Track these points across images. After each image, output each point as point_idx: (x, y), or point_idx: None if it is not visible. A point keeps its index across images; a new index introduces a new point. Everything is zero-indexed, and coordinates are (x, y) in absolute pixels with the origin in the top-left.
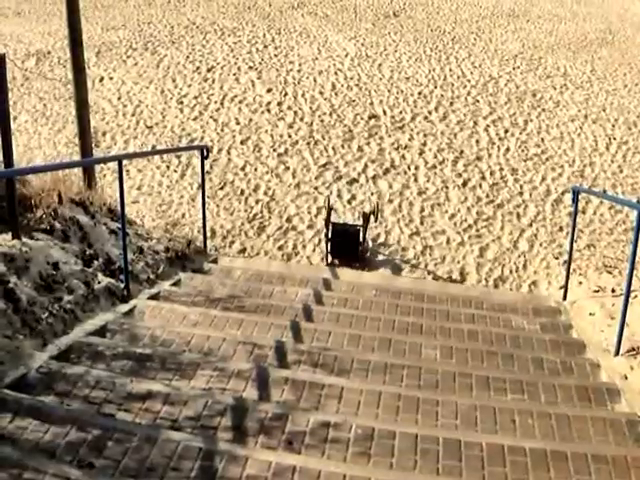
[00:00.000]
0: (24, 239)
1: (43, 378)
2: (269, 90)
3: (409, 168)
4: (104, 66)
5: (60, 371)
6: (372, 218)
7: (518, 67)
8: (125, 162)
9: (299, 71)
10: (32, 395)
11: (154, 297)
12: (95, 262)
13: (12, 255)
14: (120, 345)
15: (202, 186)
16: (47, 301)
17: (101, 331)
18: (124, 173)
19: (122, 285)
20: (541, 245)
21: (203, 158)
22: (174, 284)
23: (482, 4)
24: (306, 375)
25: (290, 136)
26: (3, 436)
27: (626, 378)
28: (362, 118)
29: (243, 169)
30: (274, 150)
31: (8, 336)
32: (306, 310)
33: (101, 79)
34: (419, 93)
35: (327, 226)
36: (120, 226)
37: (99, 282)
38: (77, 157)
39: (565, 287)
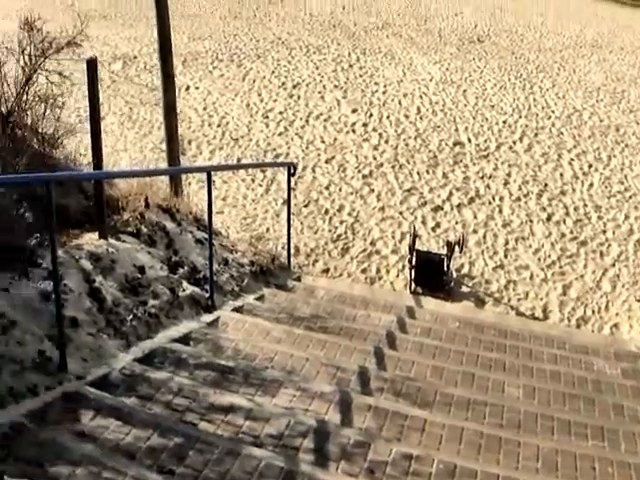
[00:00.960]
0: (110, 240)
1: (126, 379)
2: (354, 110)
3: (494, 199)
4: (190, 75)
5: (143, 374)
6: (457, 248)
7: (601, 100)
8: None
9: (384, 93)
10: (114, 395)
11: (238, 310)
12: (180, 269)
13: (98, 255)
14: (203, 355)
15: (288, 203)
16: (132, 303)
17: (185, 339)
18: None
19: (207, 295)
20: (623, 286)
21: (290, 175)
22: (258, 299)
23: (565, 33)
24: (389, 404)
25: (375, 158)
26: (84, 433)
27: None
28: (447, 144)
29: (327, 188)
30: (359, 171)
31: (92, 334)
32: (389, 337)
33: (187, 88)
34: (504, 122)
35: (411, 253)
36: (206, 235)
37: (184, 290)
38: (163, 163)
39: None
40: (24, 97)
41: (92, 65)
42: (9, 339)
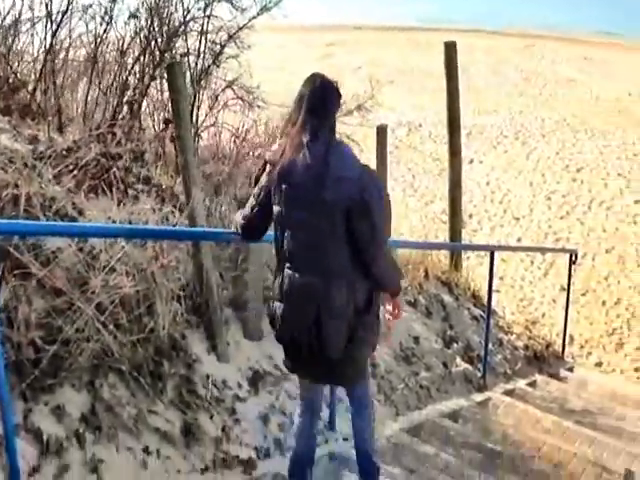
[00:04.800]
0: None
1: (392, 448)
2: (637, 201)
3: None
4: (474, 149)
5: (410, 446)
6: None
7: None
8: None
9: None
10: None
11: (509, 393)
12: (455, 345)
13: None
14: (471, 435)
15: (567, 292)
16: (404, 373)
17: (454, 415)
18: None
19: (479, 374)
20: None
21: (571, 263)
22: (529, 384)
23: None
24: None
25: None
26: None
27: None
28: None
29: (606, 279)
30: (639, 265)
31: None
32: None
33: (471, 161)
34: None
35: None
36: (482, 313)
37: (457, 366)
38: (443, 233)
39: None
40: None
41: (382, 133)
42: None
